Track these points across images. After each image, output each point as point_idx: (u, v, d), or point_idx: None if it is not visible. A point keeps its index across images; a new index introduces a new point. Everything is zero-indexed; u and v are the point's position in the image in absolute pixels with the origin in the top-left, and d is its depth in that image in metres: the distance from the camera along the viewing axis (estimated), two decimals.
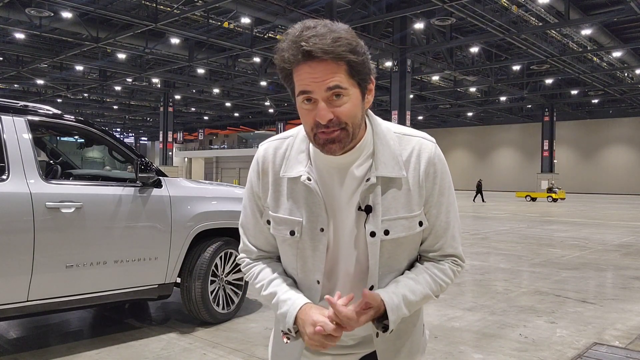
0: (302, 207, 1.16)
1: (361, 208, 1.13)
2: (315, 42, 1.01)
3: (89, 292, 3.53)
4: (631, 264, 7.69)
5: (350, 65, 1.04)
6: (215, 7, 18.85)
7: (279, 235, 1.20)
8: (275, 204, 1.20)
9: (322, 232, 1.15)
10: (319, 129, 1.06)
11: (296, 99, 1.09)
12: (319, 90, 1.03)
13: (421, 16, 20.09)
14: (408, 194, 1.14)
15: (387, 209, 1.13)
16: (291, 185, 1.17)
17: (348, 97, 1.05)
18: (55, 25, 20.34)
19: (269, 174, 1.21)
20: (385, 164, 1.13)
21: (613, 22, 21.50)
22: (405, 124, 23.04)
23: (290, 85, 1.09)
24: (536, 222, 14.96)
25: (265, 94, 34.81)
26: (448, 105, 40.23)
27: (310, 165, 1.16)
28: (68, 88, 34.13)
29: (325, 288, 1.19)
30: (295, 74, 1.06)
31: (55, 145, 5.11)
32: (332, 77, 1.02)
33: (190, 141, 63.17)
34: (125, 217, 3.67)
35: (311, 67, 1.02)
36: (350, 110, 1.06)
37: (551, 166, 38.35)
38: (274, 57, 1.09)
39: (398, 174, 1.14)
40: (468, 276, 6.62)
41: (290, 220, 1.17)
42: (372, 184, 1.12)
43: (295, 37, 1.03)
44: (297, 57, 1.03)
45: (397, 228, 1.14)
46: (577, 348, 3.81)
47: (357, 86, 1.07)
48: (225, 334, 4.01)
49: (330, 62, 1.02)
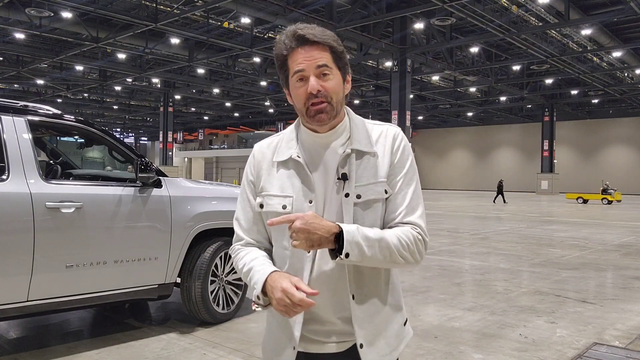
0: (293, 185, 1.34)
1: (339, 177, 1.32)
2: (307, 31, 1.28)
3: (89, 292, 3.53)
4: (631, 264, 7.69)
5: (333, 52, 1.30)
6: (215, 7, 18.84)
7: (272, 211, 1.34)
8: (269, 185, 1.37)
9: (310, 204, 1.31)
10: (310, 100, 1.28)
11: (290, 80, 1.31)
12: (310, 68, 1.28)
13: (421, 16, 20.08)
14: (376, 165, 1.35)
15: (359, 177, 1.33)
16: (282, 168, 1.37)
17: (332, 77, 1.30)
18: (55, 25, 20.34)
19: (263, 162, 1.41)
20: (359, 141, 1.35)
21: (613, 22, 21.50)
22: (406, 124, 23.20)
23: (284, 72, 1.33)
24: (536, 222, 14.97)
25: (265, 94, 34.81)
26: (448, 105, 40.22)
27: (299, 148, 1.36)
28: (68, 88, 34.12)
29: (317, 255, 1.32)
30: (290, 58, 1.30)
31: (55, 145, 5.11)
32: (320, 57, 1.28)
33: (190, 141, 63.16)
34: (125, 217, 3.67)
35: (304, 49, 1.28)
36: (334, 87, 1.30)
37: (551, 166, 38.33)
38: (273, 49, 1.33)
39: (369, 149, 1.35)
40: (468, 276, 6.62)
41: (282, 197, 1.34)
42: (347, 154, 1.33)
43: (291, 30, 1.30)
44: (292, 42, 1.29)
45: (368, 192, 1.32)
46: (577, 348, 3.81)
47: (339, 70, 1.32)
48: (225, 334, 4.02)
49: (319, 46, 1.28)
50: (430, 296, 5.45)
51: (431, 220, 14.80)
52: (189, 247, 4.04)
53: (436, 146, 53.68)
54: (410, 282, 6.12)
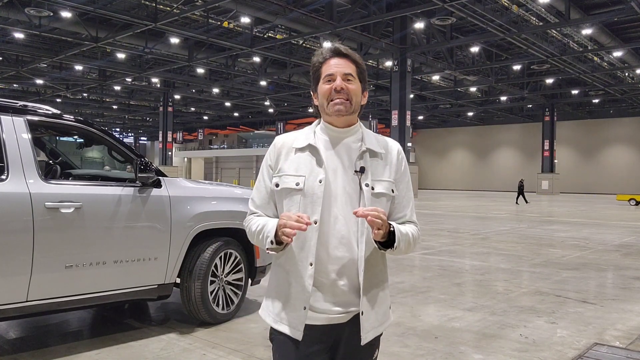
0: (307, 166, 1.59)
1: (357, 171, 1.58)
2: (341, 47, 1.64)
3: (88, 292, 3.52)
4: (631, 264, 7.68)
5: (358, 68, 1.64)
6: (215, 6, 18.84)
7: (287, 188, 1.58)
8: (286, 166, 1.61)
9: (320, 184, 1.55)
10: (333, 95, 1.57)
11: (319, 85, 1.61)
12: (339, 73, 1.59)
13: (421, 16, 20.07)
14: (385, 166, 1.64)
15: (373, 173, 1.61)
16: (299, 152, 1.62)
17: (355, 84, 1.61)
18: (55, 25, 20.34)
19: (283, 149, 1.64)
20: (371, 143, 1.65)
21: (613, 22, 21.50)
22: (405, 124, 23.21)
23: (317, 78, 1.63)
24: (536, 222, 14.96)
25: (265, 93, 34.80)
26: (448, 105, 40.23)
27: (315, 139, 1.62)
28: (67, 88, 34.13)
29: (322, 227, 1.55)
30: (324, 65, 1.62)
31: (54, 145, 5.10)
32: (348, 68, 1.61)
33: (190, 141, 63.13)
34: (125, 217, 3.66)
35: (337, 60, 1.61)
36: (354, 90, 1.61)
37: (551, 166, 38.34)
38: (312, 60, 1.66)
39: (379, 150, 1.65)
40: (468, 276, 6.61)
41: (297, 175, 1.58)
42: (363, 151, 1.61)
43: (329, 46, 1.66)
44: (329, 54, 1.63)
45: (380, 186, 1.60)
46: (578, 348, 3.80)
47: (360, 83, 1.63)
48: (225, 334, 4.01)
49: (348, 60, 1.62)
50: (431, 296, 5.44)
51: (431, 221, 14.79)
52: (189, 247, 4.03)
53: (436, 146, 53.68)
54: (411, 283, 6.11)
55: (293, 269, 1.56)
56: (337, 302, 1.56)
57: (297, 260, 1.55)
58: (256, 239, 1.61)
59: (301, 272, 1.54)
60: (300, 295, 1.55)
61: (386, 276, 1.69)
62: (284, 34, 23.13)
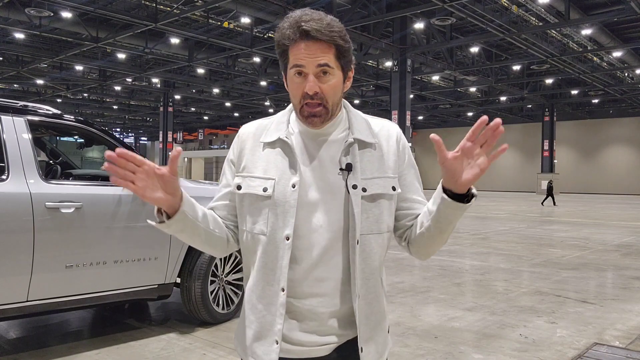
0: (277, 167, 1.26)
1: (342, 168, 1.25)
2: (312, 25, 1.18)
3: (88, 292, 3.52)
4: (631, 264, 7.69)
5: (338, 49, 1.21)
6: (215, 7, 18.82)
7: (252, 194, 1.27)
8: (252, 165, 1.29)
9: (293, 189, 1.23)
10: (306, 100, 1.21)
11: (288, 72, 1.24)
12: (311, 66, 1.19)
13: (421, 16, 20.06)
14: (381, 159, 1.30)
15: (363, 170, 1.26)
16: (268, 148, 1.29)
17: (333, 77, 1.21)
18: (55, 25, 20.32)
19: (248, 142, 1.33)
20: (360, 131, 1.29)
21: (613, 22, 21.49)
22: (406, 124, 23.22)
23: (284, 61, 1.24)
24: (536, 222, 14.96)
25: (265, 94, 34.80)
26: (448, 105, 40.20)
27: (288, 132, 1.29)
28: (68, 88, 34.10)
29: (296, 244, 1.23)
30: (291, 50, 1.21)
31: (55, 145, 5.10)
32: (323, 55, 1.19)
33: (190, 141, 63.13)
34: (125, 217, 3.67)
35: (307, 45, 1.18)
36: (333, 88, 1.22)
37: (551, 166, 38.32)
38: (274, 35, 1.24)
39: (371, 140, 1.30)
40: (468, 276, 6.62)
41: (265, 178, 1.26)
42: (350, 143, 1.26)
43: (296, 19, 1.20)
44: (295, 35, 1.19)
45: (374, 186, 1.26)
46: (578, 348, 3.81)
47: (341, 69, 1.24)
48: (225, 334, 4.01)
49: (323, 42, 1.19)
50: (431, 296, 5.45)
51: None
52: (189, 247, 4.03)
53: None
54: (411, 282, 6.12)
55: (262, 294, 1.25)
56: (318, 331, 1.25)
57: (266, 284, 1.24)
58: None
59: (271, 298, 1.23)
60: (270, 327, 1.24)
61: (384, 289, 1.34)
62: None
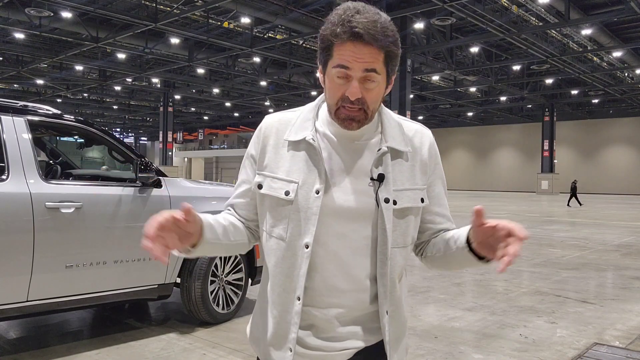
0: (301, 170, 1.18)
1: (373, 178, 1.17)
2: (367, 27, 1.07)
3: (88, 292, 3.52)
4: (631, 264, 7.69)
5: (388, 55, 1.11)
6: (215, 7, 18.83)
7: (273, 196, 1.20)
8: (275, 165, 1.21)
9: (317, 195, 1.16)
10: (345, 103, 1.12)
11: (328, 69, 1.13)
12: (357, 69, 1.09)
13: (421, 16, 20.07)
14: (412, 168, 1.22)
15: (394, 180, 1.19)
16: (293, 149, 1.20)
17: (377, 83, 1.12)
18: (55, 25, 20.32)
19: (271, 137, 1.24)
20: (394, 137, 1.21)
21: (613, 22, 21.48)
22: None
23: (326, 56, 1.13)
24: (536, 222, 14.96)
25: (265, 94, 34.79)
26: (448, 105, 40.20)
27: (314, 132, 1.19)
28: (68, 88, 34.11)
29: (316, 251, 1.16)
30: (337, 48, 1.10)
31: (55, 145, 5.10)
32: (372, 61, 1.09)
33: (190, 141, 63.13)
34: (125, 217, 3.67)
35: (357, 47, 1.08)
36: (376, 95, 1.14)
37: (551, 166, 38.31)
38: (321, 28, 1.14)
39: (404, 148, 1.22)
40: (468, 276, 6.62)
41: (287, 181, 1.18)
42: (383, 152, 1.18)
43: (348, 15, 1.09)
44: (347, 34, 1.08)
45: (404, 199, 1.19)
46: (578, 348, 3.81)
47: (386, 75, 1.14)
48: (225, 334, 4.01)
49: (374, 47, 1.09)
50: (431, 296, 5.45)
51: None
52: None
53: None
54: (411, 282, 6.12)
55: (278, 300, 1.21)
56: (335, 337, 1.20)
57: (282, 290, 1.19)
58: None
59: (287, 306, 1.19)
60: (285, 334, 1.19)
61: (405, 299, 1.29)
62: (284, 34, 23.13)
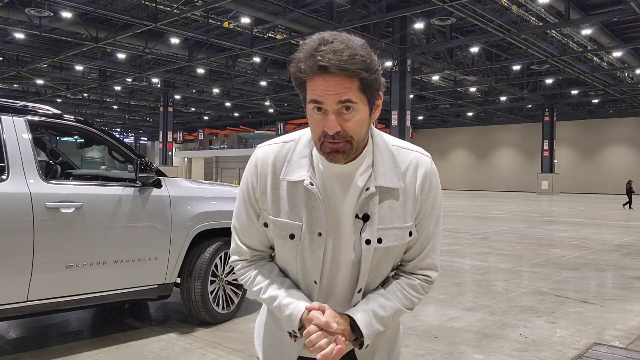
0: (302, 212, 1.17)
1: (359, 216, 1.17)
2: (331, 58, 1.04)
3: (88, 292, 3.52)
4: (631, 264, 7.69)
5: (362, 82, 1.07)
6: (215, 7, 18.82)
7: (280, 238, 1.21)
8: (275, 207, 1.20)
9: (320, 237, 1.17)
10: (327, 138, 1.10)
11: (307, 105, 1.12)
12: (331, 102, 1.07)
13: (421, 16, 20.06)
14: (404, 205, 1.19)
15: (382, 218, 1.17)
16: (291, 189, 1.19)
17: (357, 112, 1.09)
18: (55, 25, 20.32)
19: (268, 176, 1.21)
20: (384, 174, 1.18)
21: (613, 22, 21.49)
22: (405, 124, 23.21)
23: (302, 93, 1.13)
24: (536, 222, 14.96)
25: (265, 94, 34.79)
26: (448, 105, 40.21)
27: (312, 171, 1.18)
28: (68, 88, 34.10)
29: (323, 288, 1.23)
30: (309, 84, 1.09)
31: (55, 145, 5.10)
32: (344, 91, 1.06)
33: (190, 141, 63.12)
34: (125, 217, 3.67)
35: (325, 80, 1.06)
36: (357, 125, 1.10)
37: (551, 166, 38.31)
38: (289, 65, 1.14)
39: (396, 185, 1.18)
40: (468, 276, 6.61)
41: (290, 224, 1.19)
42: (371, 193, 1.16)
43: (312, 49, 1.07)
44: (312, 69, 1.06)
45: (390, 237, 1.18)
46: (578, 348, 3.80)
47: (367, 102, 1.11)
48: (225, 334, 4.01)
49: (344, 77, 1.05)
50: (430, 296, 5.45)
51: None
52: (189, 247, 4.04)
53: (436, 146, 53.63)
54: None
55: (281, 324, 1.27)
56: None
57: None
58: (263, 302, 1.29)
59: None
60: (290, 347, 1.27)
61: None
62: (284, 34, 23.13)
